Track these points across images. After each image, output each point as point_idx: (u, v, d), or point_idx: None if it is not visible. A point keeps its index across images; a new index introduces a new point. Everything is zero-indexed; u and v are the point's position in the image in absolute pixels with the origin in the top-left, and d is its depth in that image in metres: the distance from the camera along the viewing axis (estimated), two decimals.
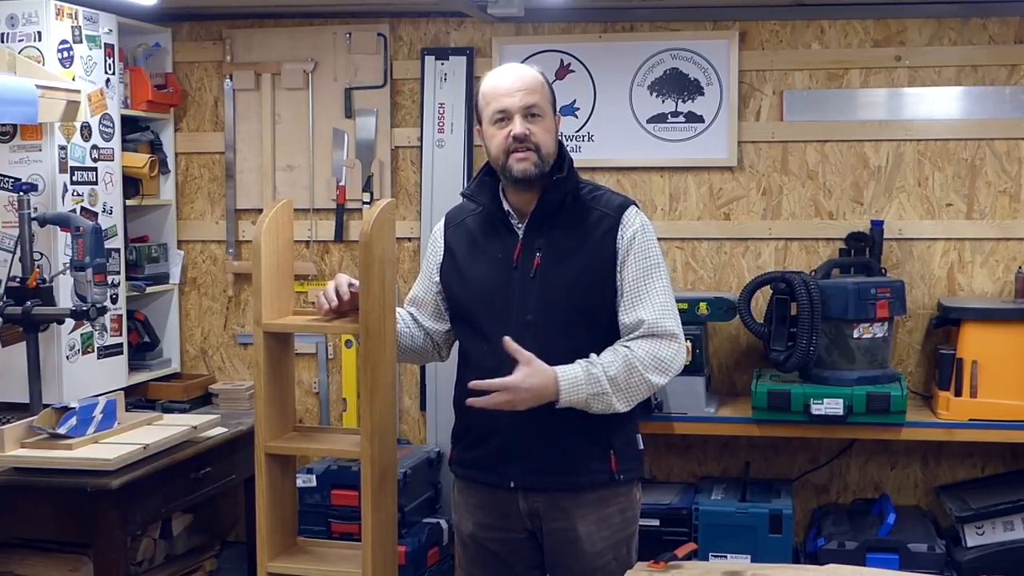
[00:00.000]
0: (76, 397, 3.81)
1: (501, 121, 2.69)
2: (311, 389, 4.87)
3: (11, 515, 3.50)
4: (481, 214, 2.82)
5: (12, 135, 4.03)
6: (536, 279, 2.70)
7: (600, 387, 2.61)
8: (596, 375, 2.61)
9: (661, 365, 2.66)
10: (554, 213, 2.73)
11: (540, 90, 2.71)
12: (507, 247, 2.75)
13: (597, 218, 2.73)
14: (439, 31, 4.68)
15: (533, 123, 2.68)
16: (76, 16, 4.12)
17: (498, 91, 2.70)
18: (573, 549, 2.75)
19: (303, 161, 4.79)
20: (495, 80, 2.73)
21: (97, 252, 3.82)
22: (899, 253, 4.43)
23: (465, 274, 2.79)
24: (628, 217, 2.72)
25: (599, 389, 2.61)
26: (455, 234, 2.85)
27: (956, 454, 4.47)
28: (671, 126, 4.56)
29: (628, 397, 2.66)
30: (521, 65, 2.80)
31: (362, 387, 2.83)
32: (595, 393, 2.61)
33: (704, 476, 4.61)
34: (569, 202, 2.74)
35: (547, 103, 2.73)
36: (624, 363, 2.63)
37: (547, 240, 2.71)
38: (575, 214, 2.74)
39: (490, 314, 2.73)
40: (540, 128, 2.68)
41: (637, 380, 2.64)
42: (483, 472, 2.80)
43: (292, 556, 3.01)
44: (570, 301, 2.69)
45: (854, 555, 3.97)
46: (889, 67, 4.41)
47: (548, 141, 2.70)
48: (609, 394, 2.62)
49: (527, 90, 2.68)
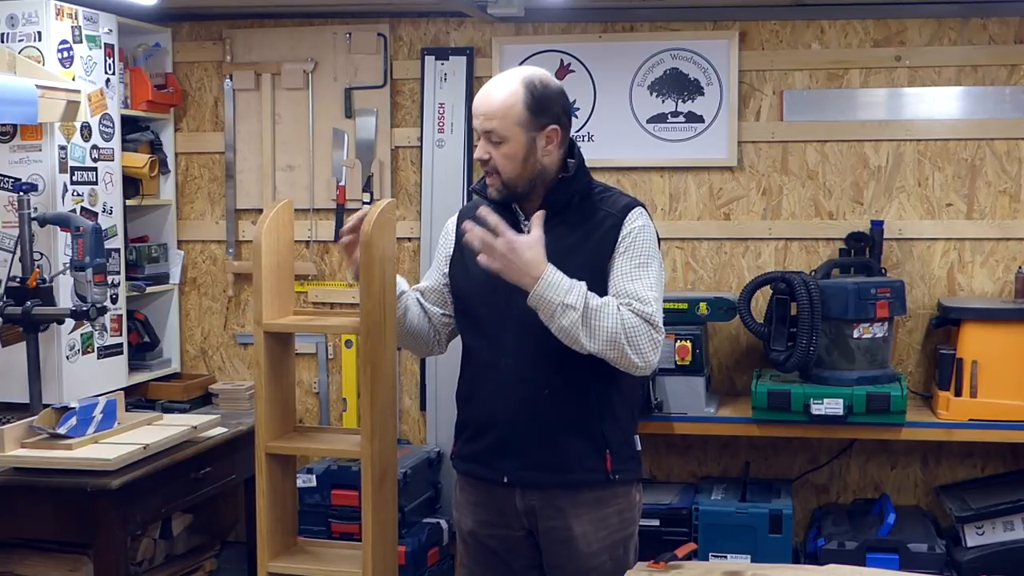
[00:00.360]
0: (76, 397, 3.81)
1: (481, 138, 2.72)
2: (311, 389, 4.87)
3: (11, 515, 3.50)
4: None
5: (12, 135, 4.03)
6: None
7: (575, 301, 2.53)
8: (579, 291, 2.54)
9: (639, 338, 2.57)
10: (560, 211, 2.72)
11: (504, 113, 2.66)
12: None
13: (602, 217, 2.73)
14: (439, 31, 4.68)
15: (495, 148, 2.67)
16: (76, 16, 4.12)
17: (475, 108, 2.72)
18: (568, 548, 2.75)
19: (303, 161, 4.79)
20: (479, 94, 2.73)
21: (97, 252, 3.82)
22: (899, 253, 4.43)
23: (470, 267, 2.78)
24: (631, 217, 2.72)
25: (573, 302, 2.53)
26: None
27: (956, 454, 4.47)
28: (671, 126, 4.56)
29: (595, 338, 2.55)
30: (502, 82, 2.72)
31: (362, 387, 2.84)
32: (568, 304, 2.53)
33: (704, 476, 4.61)
34: (577, 202, 2.74)
35: (513, 125, 2.66)
36: (608, 308, 2.57)
37: (551, 237, 2.70)
38: (582, 213, 2.74)
39: (490, 308, 2.73)
40: (499, 153, 2.67)
41: (611, 329, 2.55)
42: (479, 466, 2.81)
43: (292, 556, 3.01)
44: None
45: (854, 555, 3.96)
46: (889, 67, 4.41)
47: (508, 166, 2.67)
48: (578, 315, 2.53)
49: (487, 115, 2.67)
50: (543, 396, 2.68)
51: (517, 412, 2.69)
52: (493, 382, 2.74)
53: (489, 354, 2.73)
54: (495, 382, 2.73)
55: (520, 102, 2.68)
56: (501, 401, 2.71)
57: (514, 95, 2.68)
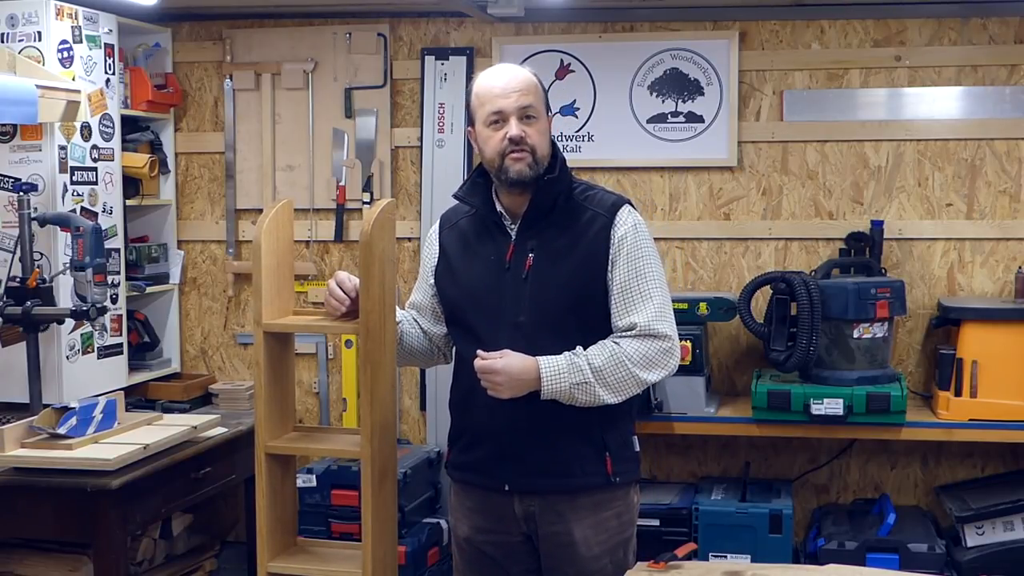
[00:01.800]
0: (76, 397, 3.81)
1: (496, 123, 2.67)
2: (311, 389, 4.87)
3: (11, 515, 3.50)
4: (474, 216, 2.81)
5: (12, 135, 4.03)
6: (528, 280, 2.69)
7: (583, 376, 2.59)
8: (578, 364, 2.60)
9: (650, 362, 2.64)
10: (546, 214, 2.71)
11: (535, 91, 2.70)
12: (500, 248, 2.74)
13: (590, 218, 2.71)
14: (439, 31, 4.68)
15: (528, 125, 2.66)
16: (76, 16, 4.12)
17: (493, 92, 2.68)
18: (569, 553, 2.74)
19: (303, 161, 4.79)
20: (489, 81, 2.71)
21: (97, 252, 3.82)
22: (899, 253, 4.43)
23: (458, 276, 2.78)
24: (621, 217, 2.70)
25: (582, 378, 2.59)
26: (449, 236, 2.85)
27: (956, 454, 4.47)
28: (671, 126, 4.56)
29: (615, 390, 2.63)
30: (514, 66, 2.78)
31: (362, 387, 2.84)
32: (578, 382, 2.59)
33: (704, 476, 4.61)
34: (562, 202, 2.72)
35: (541, 104, 2.71)
36: (611, 356, 2.62)
37: (539, 241, 2.70)
38: (568, 214, 2.72)
39: (482, 316, 2.72)
40: (535, 130, 2.67)
41: (624, 374, 2.62)
42: (478, 475, 2.80)
43: (292, 556, 3.01)
44: (562, 302, 2.68)
45: (854, 555, 3.96)
46: (889, 67, 4.41)
47: (543, 143, 2.69)
48: (592, 384, 2.60)
49: (522, 91, 2.67)
50: (541, 402, 2.66)
51: (515, 419, 2.68)
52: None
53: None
54: None
55: (539, 84, 2.74)
56: (499, 409, 2.68)
57: (533, 76, 2.72)
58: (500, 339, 2.67)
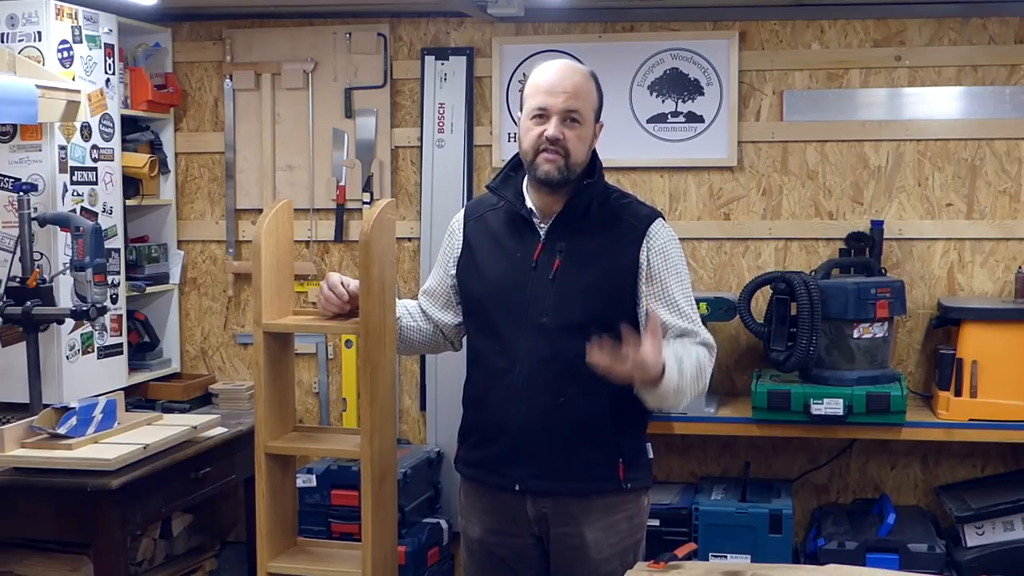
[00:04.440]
0: (76, 397, 3.81)
1: (539, 118, 2.64)
2: (311, 389, 4.87)
3: (11, 515, 3.50)
4: (502, 210, 2.78)
5: (12, 135, 4.03)
6: (555, 281, 2.67)
7: (684, 384, 2.57)
8: (681, 370, 2.56)
9: (709, 368, 2.68)
10: (579, 217, 2.70)
11: (586, 97, 2.66)
12: (527, 246, 2.72)
13: (623, 227, 2.70)
14: (439, 31, 4.68)
15: (569, 128, 2.63)
16: (76, 16, 4.12)
17: (542, 88, 2.64)
18: (580, 555, 2.73)
19: (303, 161, 4.79)
20: (544, 75, 2.66)
21: (97, 252, 3.82)
22: (899, 253, 4.43)
23: (482, 270, 2.75)
24: (654, 229, 2.70)
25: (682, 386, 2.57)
26: (475, 228, 2.82)
27: (956, 454, 4.47)
28: (671, 126, 4.56)
29: (696, 391, 2.63)
30: (575, 66, 2.72)
31: (362, 387, 2.84)
32: (679, 390, 2.57)
33: (704, 476, 4.61)
34: (595, 208, 2.71)
35: (590, 111, 2.68)
36: (698, 361, 2.62)
37: (569, 244, 2.68)
38: (601, 221, 2.70)
39: (504, 313, 2.70)
40: (575, 134, 2.64)
41: (702, 386, 2.65)
42: (488, 473, 2.78)
43: (292, 556, 3.01)
44: (586, 307, 2.65)
45: (854, 555, 3.97)
46: (889, 67, 4.41)
47: (580, 149, 2.66)
48: (686, 393, 2.59)
49: (571, 94, 2.63)
50: (557, 404, 2.65)
51: (530, 419, 2.66)
52: (505, 388, 2.69)
53: (501, 359, 2.69)
54: (507, 388, 2.69)
55: (595, 90, 2.71)
56: (514, 408, 2.67)
57: (590, 81, 2.69)
58: (520, 338, 2.66)
